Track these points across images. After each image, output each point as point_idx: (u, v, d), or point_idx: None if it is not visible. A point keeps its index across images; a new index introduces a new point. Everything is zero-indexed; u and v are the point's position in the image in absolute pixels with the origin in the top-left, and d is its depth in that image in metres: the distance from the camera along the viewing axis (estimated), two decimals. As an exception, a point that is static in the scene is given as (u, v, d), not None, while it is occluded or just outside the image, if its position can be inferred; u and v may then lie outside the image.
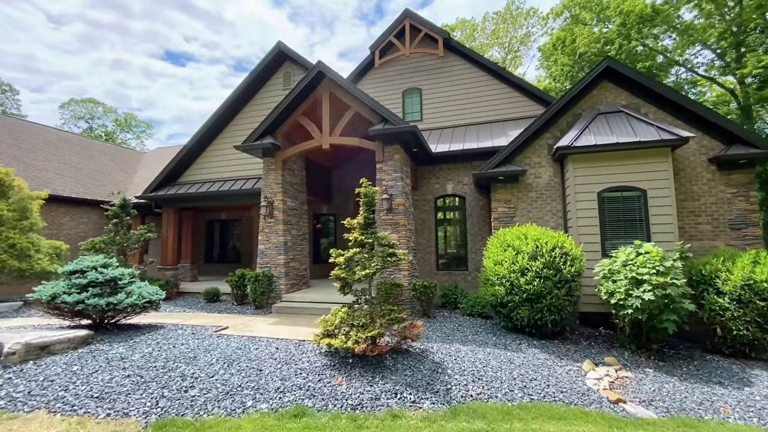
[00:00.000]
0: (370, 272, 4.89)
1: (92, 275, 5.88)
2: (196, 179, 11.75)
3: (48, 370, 4.50)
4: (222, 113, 11.40)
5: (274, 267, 9.31)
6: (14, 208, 9.73)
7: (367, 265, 5.00)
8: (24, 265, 9.32)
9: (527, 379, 4.84)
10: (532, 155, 8.84)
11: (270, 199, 9.48)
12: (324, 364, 4.74)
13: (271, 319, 7.93)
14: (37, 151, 14.66)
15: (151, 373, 4.47)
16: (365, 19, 65.67)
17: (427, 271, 10.64)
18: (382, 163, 8.72)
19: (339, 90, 9.09)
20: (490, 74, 12.38)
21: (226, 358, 5.00)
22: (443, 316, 8.35)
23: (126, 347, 5.40)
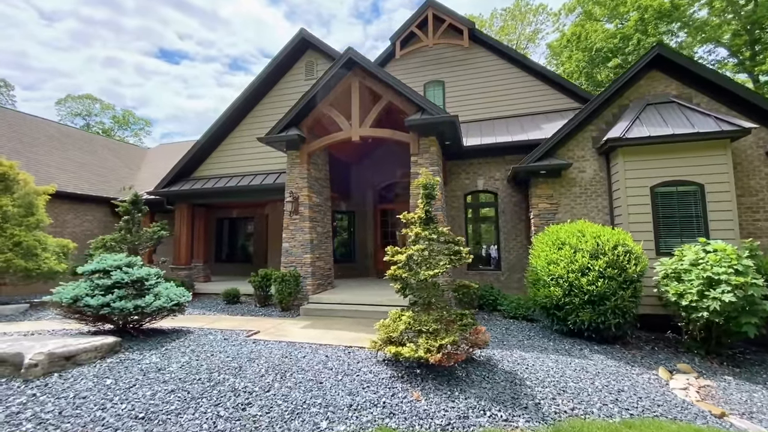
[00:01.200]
0: (438, 272, 4.38)
1: (117, 276, 5.30)
2: (212, 174, 11.15)
3: (77, 385, 3.92)
4: (239, 106, 10.82)
5: (299, 266, 8.75)
6: (19, 204, 9.09)
7: (433, 265, 4.47)
8: (30, 264, 8.68)
9: (614, 391, 4.35)
10: (575, 148, 8.37)
11: (295, 194, 8.92)
12: (391, 376, 4.21)
13: (302, 322, 7.38)
14: (39, 145, 13.96)
15: (197, 387, 3.91)
16: (362, 18, 65.24)
17: (457, 271, 10.12)
18: (417, 155, 8.20)
19: (369, 79, 8.56)
20: (518, 66, 11.92)
21: (276, 368, 4.45)
22: (484, 318, 7.85)
23: (159, 356, 4.83)
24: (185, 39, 69.74)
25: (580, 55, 20.20)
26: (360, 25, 65.35)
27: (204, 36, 71.52)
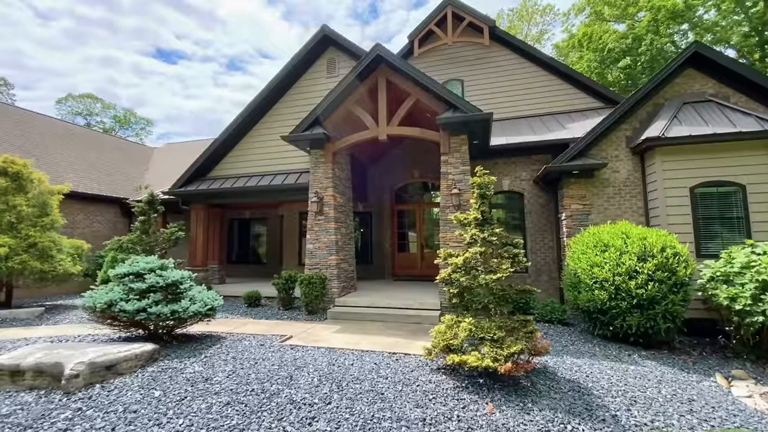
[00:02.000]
0: (501, 276, 4.16)
1: (152, 279, 5.04)
2: (229, 174, 10.88)
3: (124, 397, 3.67)
4: (257, 105, 10.56)
5: (324, 268, 8.51)
6: (33, 204, 8.80)
7: (495, 268, 4.25)
8: (46, 266, 8.40)
9: (684, 400, 4.14)
10: (609, 148, 8.19)
11: (320, 194, 8.68)
12: (455, 386, 3.98)
13: (333, 327, 7.13)
14: (47, 144, 13.63)
15: (252, 398, 3.67)
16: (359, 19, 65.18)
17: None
18: (447, 155, 8.00)
19: (397, 76, 8.35)
20: (539, 65, 11.75)
21: (328, 377, 4.21)
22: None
23: (201, 364, 4.58)
24: (182, 39, 69.36)
25: (591, 56, 20.08)
26: (358, 26, 65.32)
27: (201, 36, 71.22)
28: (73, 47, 56.32)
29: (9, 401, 3.63)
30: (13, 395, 3.77)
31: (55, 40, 54.50)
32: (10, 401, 3.63)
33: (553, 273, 9.36)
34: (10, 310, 8.06)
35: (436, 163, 12.25)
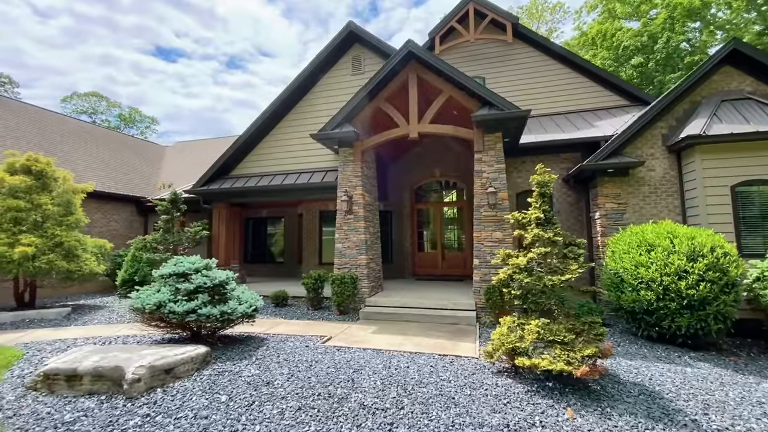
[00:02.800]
0: (570, 277, 4.04)
1: (199, 280, 4.92)
2: (251, 173, 10.75)
3: (189, 402, 3.56)
4: (280, 103, 10.42)
5: (354, 268, 8.40)
6: (58, 203, 8.67)
7: (561, 269, 4.14)
8: (72, 266, 8.27)
9: (755, 402, 4.04)
10: (644, 146, 8.07)
11: (349, 193, 8.56)
12: (525, 390, 3.87)
13: (369, 327, 7.02)
14: (64, 142, 13.49)
15: (321, 403, 3.56)
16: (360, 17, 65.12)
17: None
18: (482, 153, 7.88)
19: (428, 73, 8.23)
20: (562, 62, 11.62)
21: (390, 380, 4.11)
22: None
23: (255, 367, 4.47)
24: (182, 37, 69.10)
25: (605, 54, 19.94)
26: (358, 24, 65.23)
27: (201, 34, 70.96)
28: (72, 45, 56.01)
29: (70, 407, 3.52)
30: (72, 400, 3.65)
31: (54, 39, 54.17)
32: (71, 407, 3.52)
33: (583, 272, 9.24)
34: (38, 311, 7.95)
35: (456, 161, 12.20)
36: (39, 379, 3.86)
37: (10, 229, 7.79)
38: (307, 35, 73.34)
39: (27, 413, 3.44)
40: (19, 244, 7.66)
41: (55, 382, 3.79)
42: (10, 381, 4.24)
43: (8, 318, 7.60)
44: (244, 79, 77.03)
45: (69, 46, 55.58)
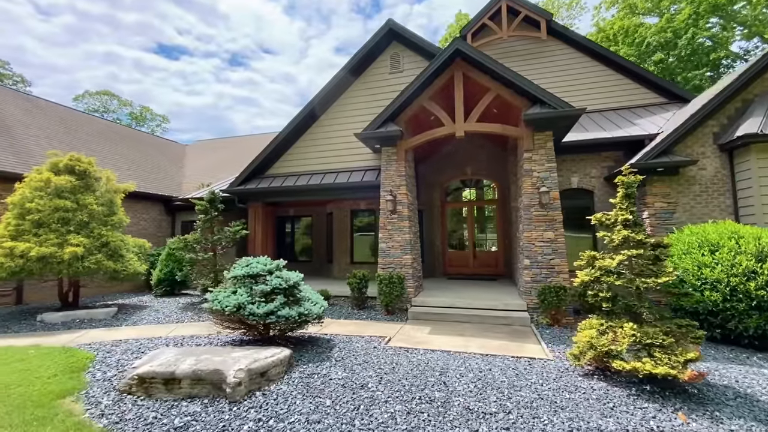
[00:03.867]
0: (668, 279, 3.99)
1: (275, 281, 4.90)
2: (287, 172, 10.72)
3: (295, 406, 3.54)
4: (317, 103, 10.36)
5: (398, 267, 8.37)
6: (102, 202, 8.67)
7: (656, 272, 4.09)
8: (118, 266, 8.27)
9: None
10: (694, 145, 7.99)
11: (393, 192, 8.52)
12: (626, 394, 3.83)
13: (423, 327, 6.99)
14: (92, 141, 13.50)
15: (426, 407, 3.53)
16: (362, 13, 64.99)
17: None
18: (531, 152, 7.80)
19: (474, 70, 8.15)
20: (597, 59, 11.50)
21: (485, 383, 4.08)
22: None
23: (340, 369, 4.45)
24: (184, 34, 69.04)
25: (627, 50, 19.75)
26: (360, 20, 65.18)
27: (203, 31, 70.89)
28: (75, 43, 55.84)
29: (175, 411, 3.51)
30: (174, 404, 3.64)
31: (56, 37, 54.00)
32: (176, 411, 3.50)
33: (625, 272, 9.17)
34: (87, 311, 7.96)
35: (488, 160, 12.13)
36: (133, 382, 3.85)
37: (58, 230, 7.78)
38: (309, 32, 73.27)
39: (132, 418, 3.43)
40: (68, 244, 7.67)
41: (152, 386, 3.78)
42: (98, 384, 4.23)
43: (59, 318, 7.62)
44: (246, 77, 77.03)
45: (71, 44, 55.48)
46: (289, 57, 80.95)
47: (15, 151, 10.26)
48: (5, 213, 8.04)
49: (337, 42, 73.55)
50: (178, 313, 8.33)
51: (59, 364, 4.89)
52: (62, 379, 4.43)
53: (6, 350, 5.66)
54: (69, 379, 4.41)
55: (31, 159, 10.44)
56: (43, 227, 7.73)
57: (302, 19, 74.06)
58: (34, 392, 4.03)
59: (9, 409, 3.65)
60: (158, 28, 64.78)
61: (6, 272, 7.11)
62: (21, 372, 4.65)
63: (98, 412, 3.55)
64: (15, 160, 9.94)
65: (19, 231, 7.58)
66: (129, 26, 60.19)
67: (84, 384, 4.26)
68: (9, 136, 10.63)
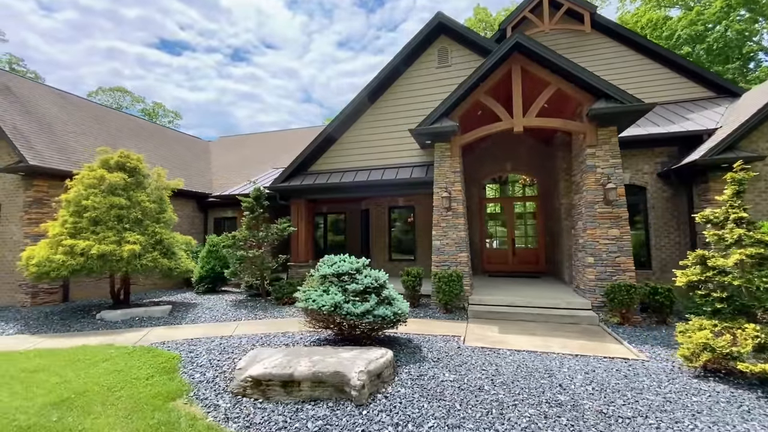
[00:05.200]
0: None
1: (367, 280, 4.80)
2: (330, 168, 10.60)
3: (424, 410, 3.46)
4: (360, 101, 10.20)
5: (454, 265, 8.27)
6: (153, 199, 8.59)
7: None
8: (172, 263, 8.22)
9: None
10: (759, 140, 7.82)
11: (448, 189, 8.40)
12: (756, 397, 3.72)
13: (490, 326, 6.89)
14: (124, 138, 13.42)
15: (556, 410, 3.44)
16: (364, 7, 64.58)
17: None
18: (595, 147, 7.65)
19: (533, 64, 7.97)
20: (643, 53, 11.26)
21: (601, 386, 3.98)
22: (654, 321, 7.22)
23: (444, 370, 4.36)
24: (186, 29, 68.75)
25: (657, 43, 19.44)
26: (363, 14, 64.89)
27: (205, 26, 70.56)
28: (77, 39, 55.57)
29: (302, 415, 3.43)
30: (297, 408, 3.56)
31: (59, 32, 53.70)
32: (303, 415, 3.42)
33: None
34: (145, 309, 7.91)
35: (528, 155, 11.97)
36: (247, 384, 3.77)
37: (115, 227, 7.71)
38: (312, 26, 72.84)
39: (261, 422, 3.35)
40: (125, 242, 7.60)
41: (269, 388, 3.70)
42: (203, 386, 4.16)
43: (119, 316, 7.57)
44: (248, 72, 76.68)
45: (74, 40, 55.17)
46: (291, 52, 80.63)
47: (57, 147, 10.19)
48: (59, 211, 7.97)
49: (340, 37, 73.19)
50: (233, 311, 8.28)
51: (149, 365, 4.82)
52: (160, 380, 4.37)
53: (84, 350, 5.61)
54: (168, 380, 4.34)
55: (72, 155, 10.37)
56: (100, 225, 7.66)
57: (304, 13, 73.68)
58: (142, 395, 3.96)
59: (126, 413, 3.59)
60: (160, 24, 64.52)
61: (68, 270, 7.05)
62: (114, 373, 4.58)
63: (221, 416, 3.48)
64: (60, 157, 9.86)
65: (77, 229, 7.51)
66: (131, 21, 59.94)
67: (186, 385, 4.19)
68: (50, 132, 10.55)
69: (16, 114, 10.14)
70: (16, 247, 9.31)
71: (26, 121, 10.18)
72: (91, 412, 3.61)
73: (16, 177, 9.51)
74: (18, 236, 9.33)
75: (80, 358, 5.16)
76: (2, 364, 5.00)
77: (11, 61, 31.29)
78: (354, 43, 72.72)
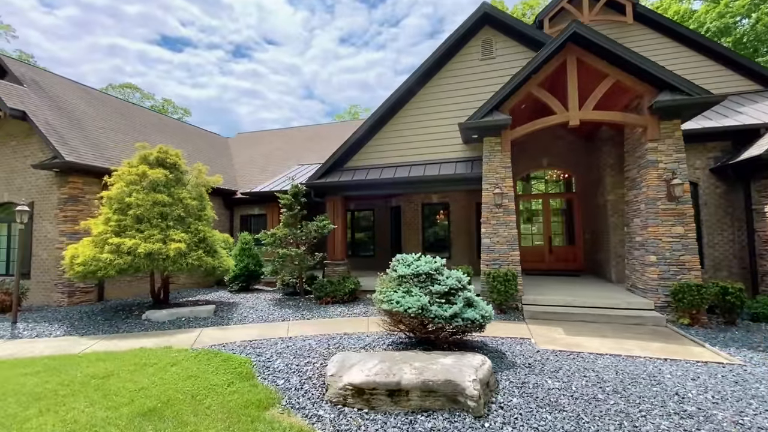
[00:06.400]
0: None
1: (450, 281, 4.56)
2: (367, 164, 10.32)
3: (547, 421, 3.21)
4: (398, 96, 9.87)
5: (505, 264, 8.01)
6: (194, 196, 8.35)
7: None
8: (216, 262, 7.99)
9: None
10: (827, 133, 7.50)
11: (499, 185, 8.13)
12: None
13: (553, 328, 6.63)
14: (148, 133, 13.17)
15: (694, 423, 3.19)
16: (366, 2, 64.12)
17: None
18: (657, 141, 7.35)
19: (590, 55, 7.68)
20: (686, 44, 10.93)
21: (722, 395, 3.72)
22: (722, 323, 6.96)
23: (542, 377, 4.12)
24: (187, 25, 68.32)
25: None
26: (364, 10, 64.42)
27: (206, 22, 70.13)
28: (78, 36, 55.11)
29: (419, 427, 3.18)
30: (409, 419, 3.31)
31: (60, 29, 53.24)
32: (420, 427, 3.18)
33: (734, 269, 8.76)
34: (190, 309, 7.68)
35: (566, 151, 11.67)
36: (347, 393, 3.54)
37: (159, 225, 7.48)
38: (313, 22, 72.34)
39: (374, 433, 3.11)
40: (170, 240, 7.37)
41: (373, 397, 3.46)
42: (292, 393, 3.92)
43: (165, 317, 7.35)
44: (250, 68, 76.16)
45: (75, 36, 54.69)
46: (293, 48, 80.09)
47: (90, 143, 9.95)
48: (101, 208, 7.75)
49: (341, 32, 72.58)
50: (277, 310, 8.06)
51: (222, 370, 4.60)
52: (242, 386, 4.14)
53: (144, 353, 5.39)
54: (251, 387, 4.11)
55: (104, 152, 10.14)
56: (144, 222, 7.43)
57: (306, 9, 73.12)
58: (231, 404, 3.73)
59: (224, 425, 3.36)
60: (161, 20, 64.12)
61: (115, 270, 6.82)
62: (190, 379, 4.36)
63: (329, 428, 3.24)
64: (93, 153, 9.63)
65: (122, 227, 7.28)
66: (132, 18, 59.54)
67: (273, 393, 3.95)
68: (81, 128, 10.31)
69: (47, 109, 9.90)
70: (51, 246, 9.11)
71: (57, 117, 9.94)
72: (185, 422, 3.39)
73: (49, 174, 9.28)
74: (53, 234, 9.11)
75: (145, 362, 4.94)
76: (66, 368, 4.78)
77: (21, 58, 31.05)
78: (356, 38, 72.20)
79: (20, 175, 9.64)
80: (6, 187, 9.76)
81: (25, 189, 9.53)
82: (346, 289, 8.76)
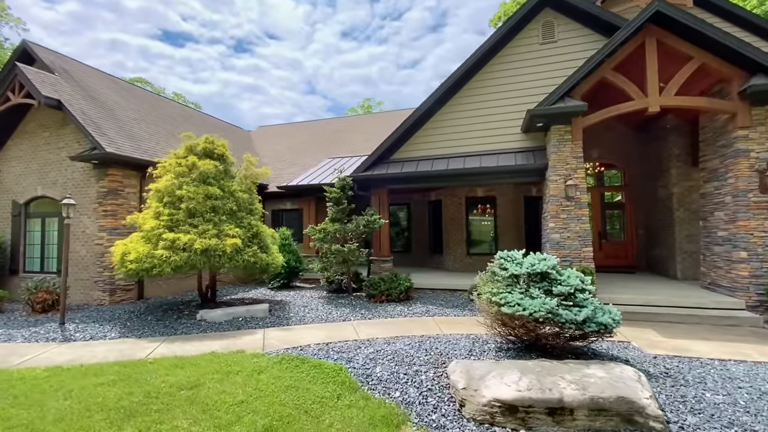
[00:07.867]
0: None
1: (574, 281, 4.09)
2: (415, 156, 9.82)
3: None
4: (449, 84, 9.31)
5: (577, 261, 7.54)
6: (244, 189, 7.89)
7: None
8: (269, 258, 7.54)
9: None
10: None
11: (570, 176, 7.63)
12: None
13: (642, 329, 6.17)
14: (180, 125, 12.68)
15: None
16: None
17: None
18: (748, 129, 6.84)
19: (672, 36, 7.15)
20: (749, 30, 10.31)
21: None
22: None
23: (691, 389, 3.64)
24: (189, 20, 67.42)
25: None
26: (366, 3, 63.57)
27: (207, 17, 69.19)
28: (80, 31, 54.27)
29: (597, 451, 2.72)
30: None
31: (62, 24, 52.33)
32: (598, 451, 2.72)
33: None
34: (246, 308, 7.24)
35: (617, 142, 11.14)
36: (495, 410, 3.08)
37: (212, 219, 7.02)
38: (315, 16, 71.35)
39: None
40: (224, 235, 6.91)
41: (529, 416, 3.01)
42: (422, 409, 3.47)
43: (221, 317, 6.91)
44: (251, 63, 75.11)
45: (77, 32, 53.82)
46: (294, 43, 79.07)
47: (125, 135, 9.48)
48: (149, 201, 7.30)
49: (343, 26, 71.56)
50: (334, 309, 7.62)
51: (321, 379, 4.15)
52: (353, 399, 3.69)
53: (218, 357, 4.94)
54: (364, 400, 3.67)
55: (141, 143, 9.67)
56: (197, 217, 6.97)
57: (307, 2, 72.03)
58: (354, 421, 3.28)
59: (359, 446, 2.90)
60: (162, 14, 63.22)
61: (171, 267, 6.38)
62: (290, 390, 3.91)
63: (489, 452, 2.78)
64: (131, 144, 9.16)
65: (174, 221, 6.82)
66: (133, 13, 58.67)
67: (395, 408, 3.50)
68: (115, 119, 9.83)
69: (81, 98, 9.42)
70: (90, 241, 8.68)
71: (92, 106, 9.46)
72: (316, 445, 2.94)
73: (87, 167, 8.82)
74: (91, 229, 8.67)
75: (228, 369, 4.49)
76: (143, 377, 4.34)
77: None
78: (358, 33, 71.14)
79: (55, 168, 9.18)
80: (40, 180, 9.32)
81: (60, 182, 9.08)
82: (402, 287, 8.32)
